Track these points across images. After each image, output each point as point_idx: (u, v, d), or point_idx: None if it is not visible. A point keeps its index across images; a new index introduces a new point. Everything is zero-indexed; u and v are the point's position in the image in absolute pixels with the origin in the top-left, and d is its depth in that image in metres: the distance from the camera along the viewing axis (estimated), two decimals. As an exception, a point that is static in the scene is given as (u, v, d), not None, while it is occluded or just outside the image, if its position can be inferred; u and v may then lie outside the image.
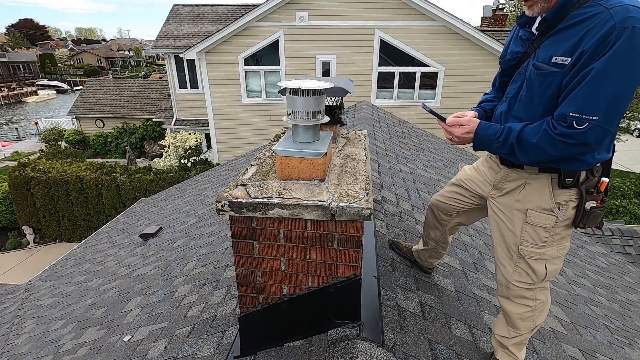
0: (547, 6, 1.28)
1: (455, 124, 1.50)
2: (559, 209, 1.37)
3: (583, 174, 1.34)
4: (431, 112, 1.60)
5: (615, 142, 1.42)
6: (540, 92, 1.30)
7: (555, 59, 1.24)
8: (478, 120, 1.48)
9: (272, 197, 1.34)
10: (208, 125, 12.96)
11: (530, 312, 1.53)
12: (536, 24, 1.37)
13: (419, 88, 11.07)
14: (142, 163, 16.44)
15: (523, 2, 1.33)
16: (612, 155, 1.37)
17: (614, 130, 1.21)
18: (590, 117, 1.15)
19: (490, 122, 1.48)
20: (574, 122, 1.18)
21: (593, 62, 1.14)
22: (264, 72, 11.67)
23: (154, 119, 18.79)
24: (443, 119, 1.55)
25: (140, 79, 27.54)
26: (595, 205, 1.35)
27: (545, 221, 1.40)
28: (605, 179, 1.35)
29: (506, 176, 1.50)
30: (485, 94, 1.79)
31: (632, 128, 20.70)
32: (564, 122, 1.21)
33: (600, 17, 1.14)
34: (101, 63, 65.76)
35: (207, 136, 14.48)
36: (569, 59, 1.20)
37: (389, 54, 10.87)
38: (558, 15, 1.25)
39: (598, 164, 1.34)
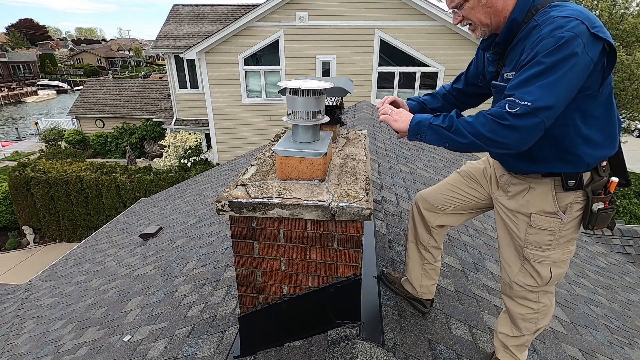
0: (487, 30, 1.37)
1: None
2: (564, 212, 1.36)
3: (587, 175, 1.32)
4: None
5: (620, 137, 1.40)
6: None
7: (507, 75, 1.34)
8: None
9: (272, 197, 1.34)
10: (208, 125, 12.96)
11: (532, 315, 1.52)
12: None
13: (419, 88, 11.07)
14: (142, 163, 16.44)
15: (468, 28, 1.42)
16: (618, 151, 1.34)
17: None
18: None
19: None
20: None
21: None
22: (264, 72, 11.67)
23: (154, 119, 18.79)
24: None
25: (140, 79, 27.55)
26: (602, 207, 1.32)
27: (550, 224, 1.38)
28: (615, 179, 1.33)
29: (511, 179, 1.48)
30: (442, 86, 1.82)
31: (632, 128, 20.67)
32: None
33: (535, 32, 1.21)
34: (101, 63, 65.75)
35: (207, 136, 14.49)
36: (515, 73, 1.27)
37: (389, 54, 10.87)
38: (508, 37, 1.33)
39: (604, 163, 1.32)
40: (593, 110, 1.25)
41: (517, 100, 1.17)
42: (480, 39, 1.45)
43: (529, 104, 1.15)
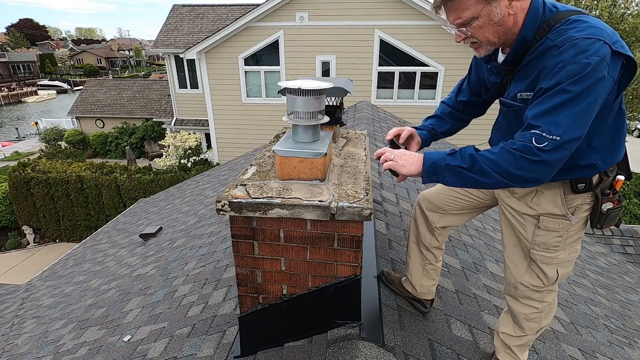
0: (492, 48, 1.32)
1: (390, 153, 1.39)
2: (572, 213, 1.35)
3: (596, 177, 1.31)
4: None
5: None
6: (518, 126, 1.27)
7: (521, 94, 1.28)
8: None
9: (272, 197, 1.34)
10: (208, 125, 12.97)
11: (536, 314, 1.51)
12: (500, 58, 1.38)
13: (419, 88, 11.07)
14: (142, 163, 16.44)
15: (470, 45, 1.35)
16: (624, 153, 1.33)
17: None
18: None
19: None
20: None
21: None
22: (264, 72, 11.67)
23: (154, 119, 18.79)
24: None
25: (140, 79, 27.55)
26: (612, 207, 1.32)
27: (559, 226, 1.37)
28: (621, 177, 1.33)
29: None
30: (442, 102, 1.74)
31: (632, 128, 20.70)
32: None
33: (551, 53, 1.15)
34: (101, 63, 65.73)
35: (207, 136, 14.49)
36: (531, 94, 1.23)
37: (389, 54, 10.87)
38: (518, 55, 1.28)
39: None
40: (605, 121, 1.23)
41: (544, 134, 1.12)
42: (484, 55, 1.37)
43: (558, 138, 1.11)
